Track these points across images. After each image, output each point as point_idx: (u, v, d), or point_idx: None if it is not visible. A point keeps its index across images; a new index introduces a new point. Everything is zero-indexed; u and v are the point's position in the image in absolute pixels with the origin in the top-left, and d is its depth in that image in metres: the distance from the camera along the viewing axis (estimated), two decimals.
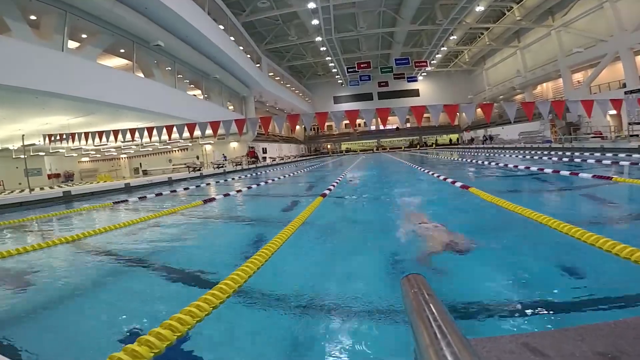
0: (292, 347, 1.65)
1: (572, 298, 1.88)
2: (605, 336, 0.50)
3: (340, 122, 7.75)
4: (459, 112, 7.65)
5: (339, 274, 2.55)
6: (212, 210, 6.30)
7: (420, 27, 30.73)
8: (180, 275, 2.82)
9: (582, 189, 5.80)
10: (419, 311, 0.61)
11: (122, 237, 4.27)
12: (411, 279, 0.75)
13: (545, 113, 7.51)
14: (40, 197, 9.70)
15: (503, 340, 0.50)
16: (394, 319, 1.79)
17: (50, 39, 11.32)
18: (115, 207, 7.39)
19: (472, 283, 2.20)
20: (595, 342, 0.56)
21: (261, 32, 30.41)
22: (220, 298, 1.30)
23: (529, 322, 1.68)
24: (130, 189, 12.39)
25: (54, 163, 26.34)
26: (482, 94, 43.50)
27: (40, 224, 6.07)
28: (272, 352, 1.64)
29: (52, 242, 3.90)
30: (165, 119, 16.44)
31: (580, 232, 2.50)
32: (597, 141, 19.15)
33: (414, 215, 4.32)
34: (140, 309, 2.22)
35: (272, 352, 1.65)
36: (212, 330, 1.80)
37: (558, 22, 26.84)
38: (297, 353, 1.61)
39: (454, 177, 7.44)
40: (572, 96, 24.36)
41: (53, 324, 2.11)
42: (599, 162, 8.91)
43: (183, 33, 16.95)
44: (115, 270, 3.06)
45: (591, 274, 2.22)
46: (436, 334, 0.53)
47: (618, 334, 0.62)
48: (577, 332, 0.50)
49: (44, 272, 3.12)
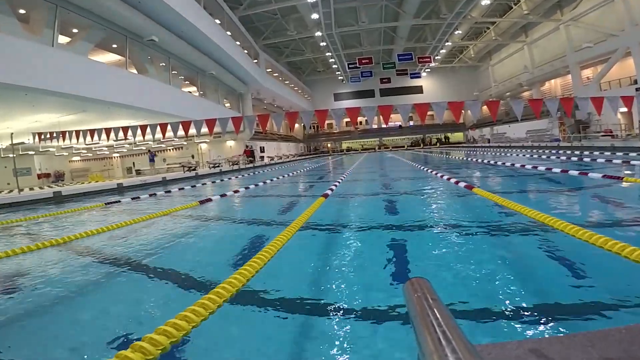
0: (291, 353, 1.65)
1: (581, 302, 1.89)
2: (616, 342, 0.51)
3: (340, 120, 7.75)
4: (464, 109, 7.66)
5: (339, 277, 2.55)
6: (208, 212, 6.30)
7: (424, 21, 30.74)
8: (175, 278, 2.82)
9: (591, 189, 5.81)
10: (422, 316, 0.61)
11: (114, 239, 4.27)
12: (414, 283, 0.75)
13: (553, 111, 7.52)
14: (29, 197, 9.70)
15: (509, 346, 0.50)
16: (397, 324, 1.79)
17: (40, 34, 11.31)
18: (108, 209, 7.39)
19: (476, 287, 2.20)
20: (605, 349, 0.56)
21: (259, 26, 30.41)
22: (217, 302, 1.30)
23: (536, 327, 1.69)
24: (123, 189, 12.39)
25: (44, 162, 26.32)
26: (488, 90, 43.51)
27: (30, 225, 6.07)
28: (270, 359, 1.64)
29: (42, 245, 3.90)
30: (159, 117, 16.43)
31: (589, 234, 2.50)
32: (608, 140, 19.15)
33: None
34: (134, 314, 2.22)
35: (271, 359, 1.65)
36: (209, 336, 1.80)
37: (567, 16, 26.83)
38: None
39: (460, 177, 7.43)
40: (581, 93, 24.36)
41: (42, 329, 2.11)
42: (609, 162, 8.91)
43: (178, 27, 16.95)
44: (107, 274, 3.06)
45: (600, 277, 2.23)
46: (440, 339, 0.53)
47: (629, 339, 0.62)
48: (586, 337, 0.50)
49: (32, 276, 3.12)
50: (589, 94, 21.45)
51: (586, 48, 24.62)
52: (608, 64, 23.24)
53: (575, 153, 13.64)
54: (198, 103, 21.86)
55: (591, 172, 6.70)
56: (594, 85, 24.45)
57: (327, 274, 2.65)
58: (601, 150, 13.99)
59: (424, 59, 37.58)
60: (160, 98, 16.83)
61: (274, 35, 32.29)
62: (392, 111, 7.55)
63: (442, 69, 47.59)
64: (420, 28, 34.19)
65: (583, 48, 24.93)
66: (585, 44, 24.53)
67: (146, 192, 9.85)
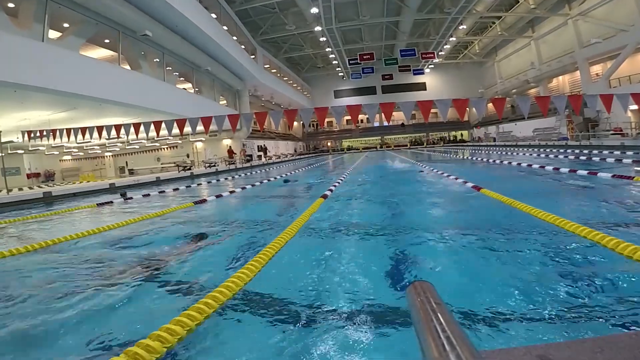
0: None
1: (590, 307, 1.89)
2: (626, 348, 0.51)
3: (341, 117, 7.76)
4: (468, 107, 7.66)
5: (339, 280, 2.55)
6: (203, 213, 6.30)
7: (427, 15, 30.75)
8: (170, 282, 2.81)
9: (601, 189, 5.81)
10: (426, 321, 0.61)
11: (106, 241, 4.26)
12: (417, 286, 0.75)
13: (561, 108, 7.53)
14: (18, 198, 9.70)
15: (516, 352, 0.50)
16: (399, 329, 1.79)
17: (30, 29, 11.30)
18: (100, 209, 7.39)
19: (481, 290, 2.21)
20: (614, 354, 0.56)
21: (256, 21, 30.40)
22: (213, 307, 1.30)
23: (543, 332, 1.69)
24: (116, 189, 12.39)
25: (33, 162, 26.30)
26: (493, 87, 43.55)
27: (18, 227, 6.06)
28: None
29: (32, 247, 3.90)
30: (153, 114, 16.43)
31: (600, 235, 2.51)
32: (617, 138, 19.18)
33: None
34: (127, 320, 2.22)
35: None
36: (204, 342, 1.80)
37: (575, 11, 26.86)
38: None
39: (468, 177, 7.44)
40: (590, 90, 24.40)
41: (26, 334, 2.11)
42: (619, 161, 8.92)
43: (172, 22, 16.94)
44: (98, 277, 3.06)
45: (610, 281, 2.23)
46: (445, 345, 0.54)
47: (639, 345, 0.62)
48: (595, 343, 0.50)
49: (19, 280, 3.12)
50: (598, 91, 21.47)
51: (595, 43, 24.63)
52: (618, 60, 23.25)
53: (583, 152, 13.65)
54: (193, 100, 21.86)
55: (600, 172, 6.71)
56: (603, 82, 24.47)
57: (327, 277, 2.65)
58: (611, 150, 14.00)
59: (427, 55, 37.61)
60: (154, 95, 16.83)
61: (271, 30, 32.28)
62: (394, 109, 7.55)
63: (446, 65, 47.61)
64: (424, 23, 34.19)
65: (592, 43, 24.94)
66: (594, 39, 24.54)
67: (140, 193, 9.85)
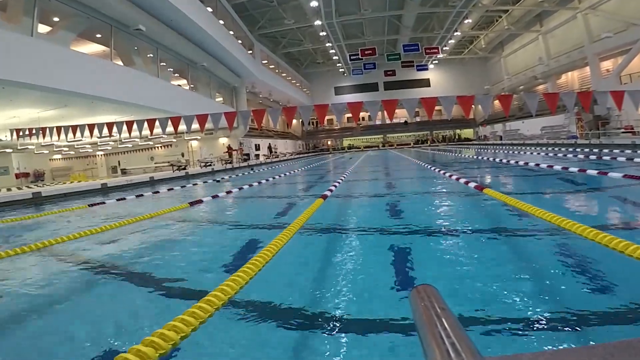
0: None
1: (600, 311, 1.89)
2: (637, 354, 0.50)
3: (341, 115, 7.75)
4: (474, 104, 7.66)
5: (339, 284, 2.55)
6: (199, 214, 6.30)
7: (431, 9, 30.73)
8: (164, 286, 2.81)
9: (611, 189, 5.81)
10: (430, 326, 0.61)
11: (98, 244, 4.26)
12: (421, 290, 0.75)
13: (570, 105, 7.52)
14: (6, 198, 9.68)
15: (524, 359, 0.50)
16: (402, 335, 1.79)
17: (19, 23, 11.30)
18: (91, 210, 7.39)
19: (488, 295, 2.20)
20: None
21: (254, 15, 30.39)
22: (208, 311, 1.30)
23: (552, 338, 1.69)
24: (108, 189, 12.39)
25: (22, 161, 26.29)
26: (500, 84, 43.54)
27: (6, 229, 6.06)
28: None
29: (22, 250, 3.89)
30: (147, 112, 16.43)
31: (609, 237, 2.50)
32: (628, 137, 19.16)
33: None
34: (119, 325, 2.22)
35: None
36: (199, 347, 1.80)
37: (585, 4, 26.85)
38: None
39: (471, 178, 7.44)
40: (600, 86, 24.39)
41: (16, 340, 2.11)
42: (630, 160, 8.92)
43: (166, 16, 16.94)
44: (90, 281, 3.06)
45: (621, 284, 2.23)
46: (449, 352, 0.53)
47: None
48: (605, 349, 0.49)
49: (7, 284, 3.12)
50: (608, 87, 21.47)
51: (605, 38, 24.62)
52: (629, 55, 23.23)
53: (593, 151, 13.65)
54: (188, 97, 21.86)
55: (611, 172, 6.71)
56: (614, 78, 24.46)
57: (326, 281, 2.65)
58: (621, 148, 13.99)
59: (431, 50, 37.56)
60: (147, 92, 16.82)
61: (270, 24, 32.28)
62: (397, 106, 7.54)
63: (450, 61, 47.61)
64: (428, 17, 34.16)
65: (602, 38, 24.93)
66: (605, 33, 24.54)
67: (133, 193, 9.85)
